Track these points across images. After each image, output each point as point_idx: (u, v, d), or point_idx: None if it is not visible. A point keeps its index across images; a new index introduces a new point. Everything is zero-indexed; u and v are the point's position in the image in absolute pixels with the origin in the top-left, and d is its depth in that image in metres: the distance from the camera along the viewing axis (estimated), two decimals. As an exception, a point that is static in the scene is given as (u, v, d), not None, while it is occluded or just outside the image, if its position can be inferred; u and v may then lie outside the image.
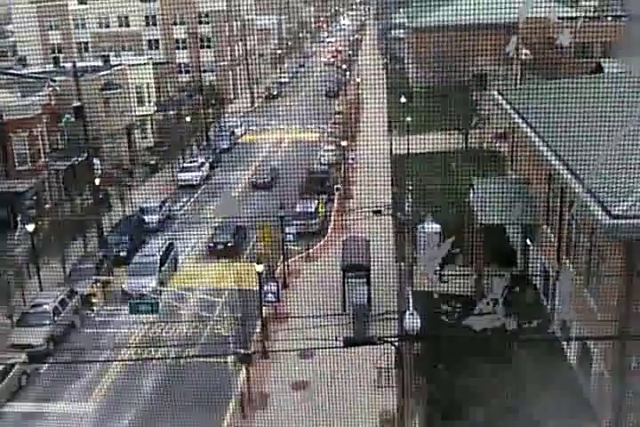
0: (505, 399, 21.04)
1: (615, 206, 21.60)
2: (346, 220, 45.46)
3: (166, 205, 50.24)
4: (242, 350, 27.45)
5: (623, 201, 21.79)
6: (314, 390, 27.80)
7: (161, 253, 39.95)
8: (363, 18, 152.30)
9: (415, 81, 75.66)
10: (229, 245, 42.23)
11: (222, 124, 74.15)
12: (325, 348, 25.44)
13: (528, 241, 33.50)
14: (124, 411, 27.92)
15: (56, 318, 33.53)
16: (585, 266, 25.78)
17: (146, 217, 46.74)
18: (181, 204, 53.33)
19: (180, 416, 26.51)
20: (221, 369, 28.02)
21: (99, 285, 37.30)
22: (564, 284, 27.19)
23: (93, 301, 36.26)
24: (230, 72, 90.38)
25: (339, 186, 52.24)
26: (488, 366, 23.04)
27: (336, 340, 24.13)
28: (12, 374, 29.33)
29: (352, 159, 56.96)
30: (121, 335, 33.62)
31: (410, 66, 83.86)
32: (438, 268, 29.08)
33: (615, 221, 21.35)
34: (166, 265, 39.65)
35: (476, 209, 32.97)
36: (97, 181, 46.82)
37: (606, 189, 22.60)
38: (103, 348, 32.36)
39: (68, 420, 27.64)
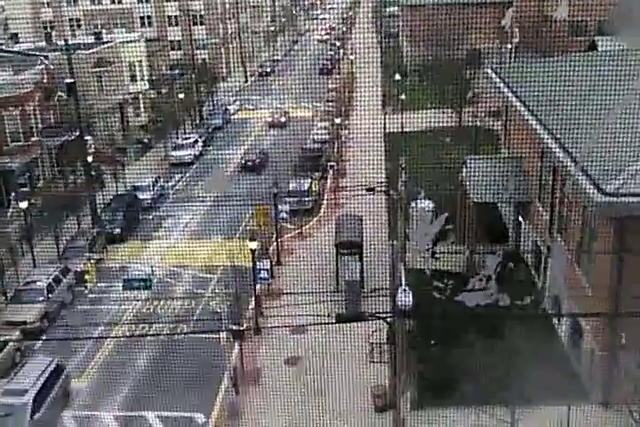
0: (495, 376, 21.21)
1: (608, 184, 21.66)
2: (339, 197, 45.51)
3: (159, 182, 50.15)
4: (235, 326, 27.57)
5: (616, 178, 21.85)
6: (306, 365, 28.00)
7: (40, 383, 25.73)
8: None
9: (409, 58, 75.35)
10: (256, 162, 52.78)
11: (215, 102, 73.81)
12: (318, 324, 25.57)
13: (520, 218, 33.60)
14: (117, 387, 28.08)
15: (50, 295, 33.61)
16: (577, 243, 25.91)
17: (139, 195, 46.67)
18: (174, 181, 53.24)
19: (174, 392, 26.70)
20: (215, 345, 28.19)
21: (92, 262, 37.29)
22: (557, 258, 27.34)
23: (87, 278, 36.27)
24: (223, 49, 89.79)
25: (332, 163, 52.16)
26: (479, 343, 23.17)
27: (329, 316, 24.22)
28: (5, 350, 29.43)
29: (346, 137, 56.84)
30: (114, 312, 33.70)
31: (404, 43, 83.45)
32: (431, 245, 29.15)
33: (608, 199, 21.43)
34: (47, 405, 25.42)
35: (468, 186, 33.01)
36: (90, 159, 46.68)
37: (599, 167, 22.65)
38: (97, 324, 32.44)
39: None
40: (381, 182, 40.82)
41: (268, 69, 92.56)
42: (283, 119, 64.81)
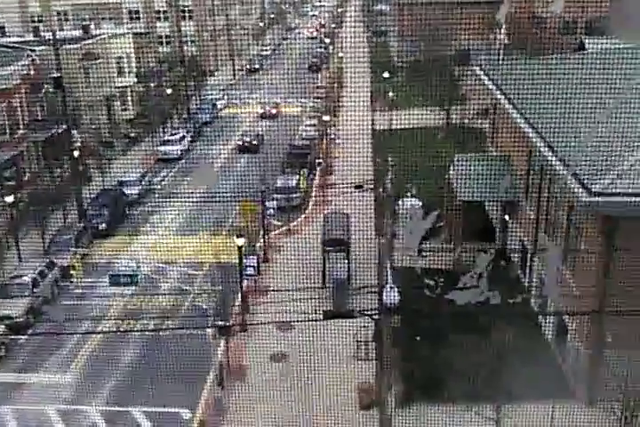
0: (481, 373, 21.32)
1: (595, 183, 21.79)
2: (327, 194, 45.50)
3: (146, 177, 50.01)
4: (221, 323, 27.58)
5: (603, 178, 21.98)
6: (293, 362, 28.03)
7: None
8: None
9: (398, 56, 75.42)
10: (253, 143, 56.10)
11: (203, 97, 73.60)
12: (305, 321, 25.58)
13: (507, 217, 33.73)
14: (103, 382, 28.02)
15: (35, 290, 33.45)
16: (563, 242, 26.04)
17: (125, 190, 46.50)
18: (161, 177, 53.10)
19: (160, 388, 26.68)
20: (201, 341, 28.19)
21: (78, 257, 37.16)
22: (544, 257, 27.48)
23: (73, 273, 36.15)
24: (212, 44, 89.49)
25: (320, 161, 52.16)
26: (465, 341, 23.30)
27: (315, 313, 24.27)
28: (-11, 345, 29.34)
29: (334, 134, 56.87)
30: (100, 307, 33.59)
31: (393, 40, 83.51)
32: (419, 242, 29.21)
33: (595, 199, 21.56)
34: None
35: (455, 185, 33.10)
36: (76, 153, 46.43)
37: (586, 167, 22.76)
38: (82, 319, 32.34)
39: (47, 390, 27.71)
40: (369, 180, 40.90)
41: (257, 65, 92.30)
42: (274, 111, 66.78)
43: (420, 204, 35.09)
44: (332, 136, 56.60)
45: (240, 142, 57.13)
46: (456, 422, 22.40)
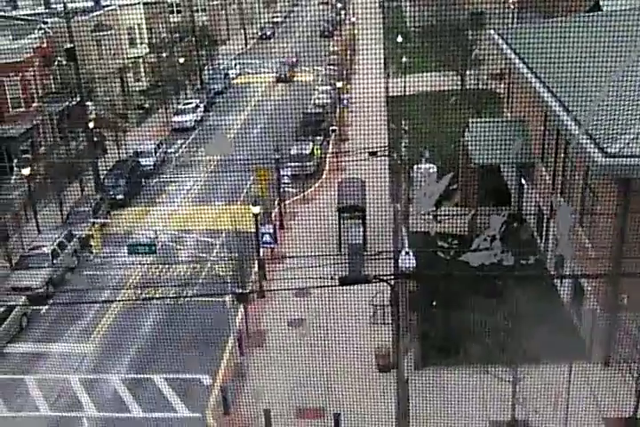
0: (497, 335, 21.45)
1: (610, 145, 21.66)
2: (341, 161, 45.44)
3: (161, 147, 50.14)
4: (239, 290, 27.83)
5: (618, 140, 21.83)
6: (310, 327, 28.28)
7: None
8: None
9: (411, 20, 74.58)
10: (287, 75, 66.88)
11: (216, 66, 73.33)
12: (321, 287, 25.77)
13: (523, 180, 33.63)
14: (124, 350, 28.44)
15: (55, 261, 33.83)
16: (579, 205, 25.97)
17: (141, 160, 46.69)
18: (176, 146, 53.18)
19: (180, 355, 27.05)
20: (220, 308, 28.48)
21: (96, 227, 37.43)
22: (559, 219, 27.40)
23: (92, 243, 36.46)
24: (223, 12, 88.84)
25: (334, 127, 51.97)
26: (481, 303, 23.42)
27: (332, 279, 24.42)
28: (12, 316, 29.72)
29: (347, 100, 56.57)
30: (120, 276, 33.97)
31: (406, 4, 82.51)
32: (434, 206, 29.18)
33: (610, 160, 21.44)
34: None
35: (471, 149, 32.97)
36: (91, 124, 46.55)
37: (602, 128, 22.61)
38: (103, 289, 32.72)
39: (69, 359, 28.17)
40: (384, 146, 40.71)
41: (269, 32, 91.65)
42: (294, 59, 72.21)
43: (435, 168, 35.05)
44: (346, 102, 56.29)
45: (277, 74, 67.27)
46: (472, 384, 22.63)
